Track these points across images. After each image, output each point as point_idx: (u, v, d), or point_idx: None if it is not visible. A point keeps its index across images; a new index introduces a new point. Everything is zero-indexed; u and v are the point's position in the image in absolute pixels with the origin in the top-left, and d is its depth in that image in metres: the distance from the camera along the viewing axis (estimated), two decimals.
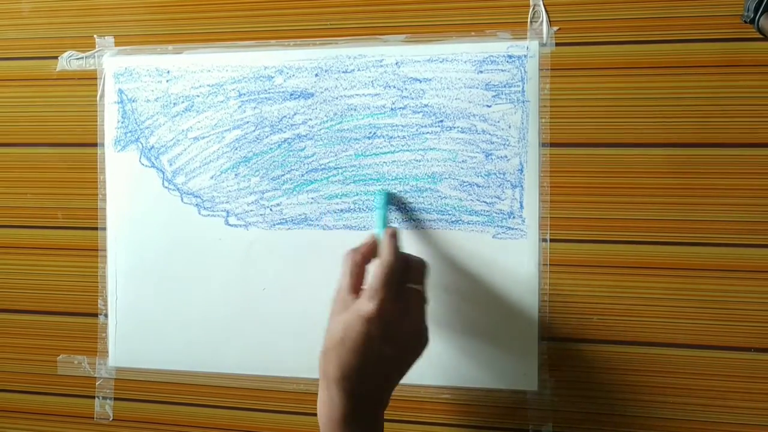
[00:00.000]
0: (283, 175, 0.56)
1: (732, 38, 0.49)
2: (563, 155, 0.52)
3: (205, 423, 0.58)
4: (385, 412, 0.46)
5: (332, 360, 0.43)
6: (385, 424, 0.46)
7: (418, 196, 0.54)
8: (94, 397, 0.60)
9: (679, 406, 0.51)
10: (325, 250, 0.55)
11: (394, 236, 0.47)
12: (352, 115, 0.55)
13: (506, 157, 0.52)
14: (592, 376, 0.52)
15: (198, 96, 0.57)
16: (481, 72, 0.52)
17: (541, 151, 0.52)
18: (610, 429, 0.52)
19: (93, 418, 0.60)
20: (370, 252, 0.48)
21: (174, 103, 0.57)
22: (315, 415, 0.56)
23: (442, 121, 0.53)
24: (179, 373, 0.58)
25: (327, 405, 0.44)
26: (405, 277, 0.46)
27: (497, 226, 0.53)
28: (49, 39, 0.60)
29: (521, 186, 0.52)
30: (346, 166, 0.55)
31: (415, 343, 0.46)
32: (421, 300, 0.47)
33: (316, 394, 0.56)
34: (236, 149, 0.56)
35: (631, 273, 0.51)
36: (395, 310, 0.44)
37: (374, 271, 0.45)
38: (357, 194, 0.55)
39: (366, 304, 0.43)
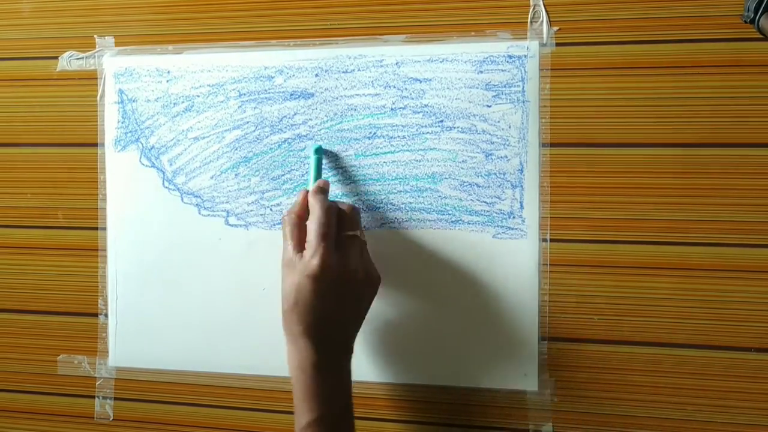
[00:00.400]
0: (283, 175, 0.56)
1: (732, 38, 0.49)
2: (563, 155, 0.52)
3: (205, 423, 0.58)
4: (353, 373, 0.49)
5: (292, 318, 0.47)
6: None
7: (418, 196, 0.54)
8: (94, 397, 0.60)
9: (679, 406, 0.51)
10: None
11: (321, 191, 0.50)
12: (352, 115, 0.55)
13: (506, 157, 0.52)
14: (592, 376, 0.52)
15: (198, 96, 0.57)
16: (482, 72, 0.52)
17: (541, 151, 0.52)
18: (610, 429, 0.52)
19: (93, 418, 0.60)
20: (304, 210, 0.50)
21: (174, 103, 0.57)
22: None
23: (442, 121, 0.53)
24: (179, 373, 0.58)
25: (296, 356, 0.47)
26: (340, 226, 0.48)
27: (497, 226, 0.53)
28: (49, 39, 0.60)
29: (521, 186, 0.52)
30: (346, 166, 0.55)
31: (365, 285, 0.49)
32: (359, 244, 0.49)
33: None
34: (236, 149, 0.56)
35: (631, 273, 0.51)
36: (337, 261, 0.46)
37: (309, 227, 0.47)
38: (357, 194, 0.55)
39: (309, 263, 0.46)
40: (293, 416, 0.47)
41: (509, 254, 0.52)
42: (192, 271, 0.57)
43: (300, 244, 0.48)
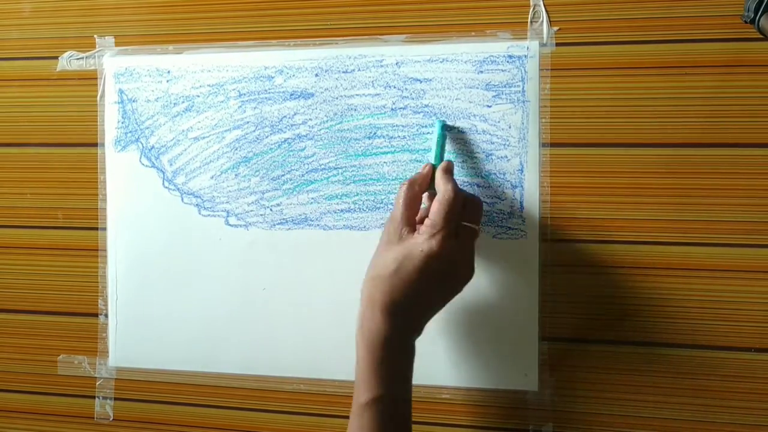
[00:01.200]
0: (283, 175, 0.56)
1: (732, 38, 0.49)
2: (563, 155, 0.52)
3: (206, 423, 0.58)
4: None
5: (382, 287, 0.45)
6: None
7: None
8: (94, 397, 0.60)
9: (679, 406, 0.51)
10: (326, 250, 0.55)
11: (449, 171, 0.49)
12: (352, 115, 0.55)
13: (506, 157, 0.52)
14: (593, 376, 0.52)
15: (198, 96, 0.57)
16: (482, 72, 0.52)
17: (541, 151, 0.52)
18: (610, 429, 0.52)
19: (93, 418, 0.60)
20: (425, 184, 0.49)
21: (174, 103, 0.57)
22: (315, 415, 0.56)
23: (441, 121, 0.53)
24: (179, 373, 0.58)
25: (369, 328, 0.45)
26: (461, 215, 0.47)
27: (497, 226, 0.53)
28: (49, 39, 0.60)
29: (521, 186, 0.52)
30: (346, 166, 0.55)
31: (464, 280, 0.48)
32: (473, 239, 0.48)
33: (316, 394, 0.56)
34: (236, 149, 0.56)
35: (631, 273, 0.51)
36: (453, 248, 0.45)
37: (435, 207, 0.46)
38: (357, 194, 0.55)
39: (427, 241, 0.45)
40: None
41: (509, 254, 0.52)
42: (192, 271, 0.57)
43: (411, 218, 0.47)
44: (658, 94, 0.50)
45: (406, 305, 0.45)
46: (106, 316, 0.59)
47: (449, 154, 0.53)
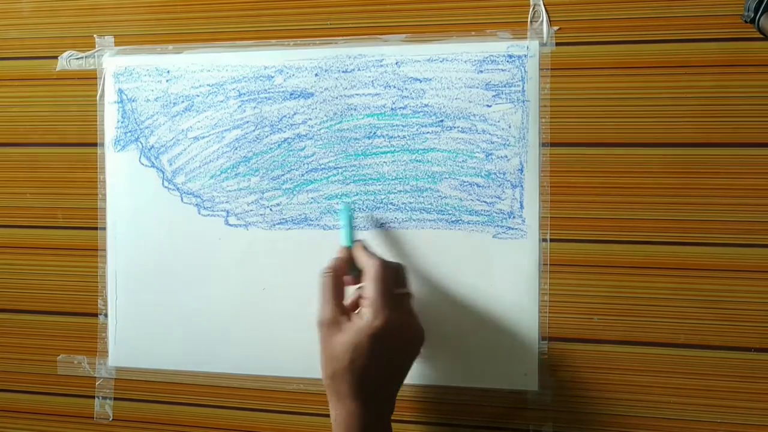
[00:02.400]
0: (283, 175, 0.56)
1: (732, 38, 0.49)
2: (563, 155, 0.52)
3: (205, 423, 0.58)
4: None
5: (344, 381, 0.45)
6: None
7: (418, 196, 0.54)
8: (93, 397, 0.60)
9: (679, 406, 0.51)
10: (326, 250, 0.55)
11: (366, 248, 0.50)
12: (352, 114, 0.54)
13: (506, 156, 0.52)
14: (593, 376, 0.52)
15: (198, 96, 0.57)
16: (481, 72, 0.52)
17: (541, 150, 0.52)
18: (610, 429, 0.52)
19: (93, 418, 0.60)
20: (344, 268, 0.49)
21: (174, 103, 0.57)
22: (315, 415, 0.56)
23: (442, 120, 0.53)
24: (179, 373, 0.58)
25: (345, 421, 0.45)
26: (393, 284, 0.47)
27: (497, 226, 0.53)
28: (49, 39, 0.60)
29: (521, 186, 0.52)
30: (346, 166, 0.55)
31: (417, 343, 0.48)
32: (411, 301, 0.49)
33: (316, 394, 0.56)
34: (236, 149, 0.56)
35: (631, 273, 0.51)
36: (398, 319, 0.45)
37: (369, 285, 0.46)
38: (357, 194, 0.55)
39: (372, 321, 0.44)
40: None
41: (509, 254, 0.52)
42: (192, 271, 0.57)
43: (341, 304, 0.47)
44: (658, 94, 0.50)
45: (374, 388, 0.45)
46: (106, 315, 0.59)
47: (449, 154, 0.53)
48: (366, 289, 0.46)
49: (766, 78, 0.49)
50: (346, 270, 0.49)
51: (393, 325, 0.45)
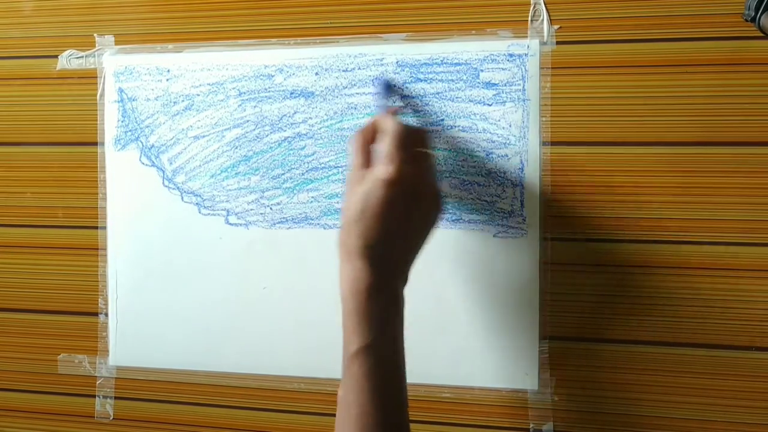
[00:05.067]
0: (283, 174, 0.56)
1: (733, 36, 0.49)
2: (564, 154, 0.52)
3: (206, 422, 0.58)
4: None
5: (353, 232, 0.43)
6: None
7: None
8: (94, 396, 0.60)
9: (680, 405, 0.51)
10: (326, 249, 0.55)
11: (395, 113, 0.48)
12: (352, 113, 0.54)
13: (507, 155, 0.52)
14: (593, 376, 0.52)
15: (198, 95, 0.57)
16: (482, 71, 0.52)
17: (541, 149, 0.52)
18: (611, 428, 0.52)
19: (94, 417, 0.60)
20: (372, 133, 0.47)
21: (174, 102, 0.57)
22: (315, 414, 0.56)
23: (442, 119, 0.53)
24: (179, 372, 0.58)
25: (350, 278, 0.43)
26: (413, 143, 0.45)
27: (498, 224, 0.53)
28: (49, 38, 0.60)
29: (522, 185, 0.52)
30: (346, 165, 0.55)
31: (434, 207, 0.46)
32: (432, 162, 0.47)
33: (317, 393, 0.56)
34: (236, 148, 0.56)
35: (631, 271, 0.51)
36: (412, 173, 0.43)
37: (385, 140, 0.44)
38: None
39: (384, 169, 0.42)
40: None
41: (510, 253, 0.52)
42: (192, 271, 0.57)
43: (368, 160, 0.45)
44: (659, 93, 0.50)
45: (383, 246, 0.43)
46: (106, 315, 0.59)
47: (449, 153, 0.53)
48: (382, 143, 0.44)
49: (767, 76, 0.49)
50: (374, 135, 0.47)
51: (407, 176, 0.42)
